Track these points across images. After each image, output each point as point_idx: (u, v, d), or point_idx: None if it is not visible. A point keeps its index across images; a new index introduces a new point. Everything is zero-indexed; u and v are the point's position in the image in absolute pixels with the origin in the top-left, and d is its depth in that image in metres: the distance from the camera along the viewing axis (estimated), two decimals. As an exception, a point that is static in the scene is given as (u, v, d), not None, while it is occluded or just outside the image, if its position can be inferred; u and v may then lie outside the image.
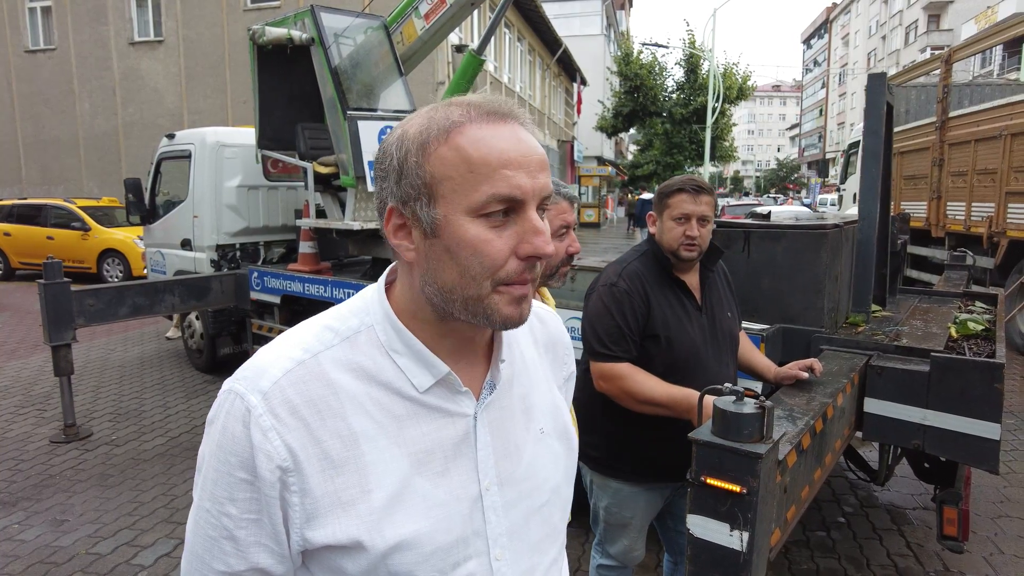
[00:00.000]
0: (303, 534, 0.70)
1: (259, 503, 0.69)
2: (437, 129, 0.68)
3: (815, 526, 3.49)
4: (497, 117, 0.70)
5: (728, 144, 26.38)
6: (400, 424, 0.73)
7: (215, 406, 0.73)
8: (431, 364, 0.74)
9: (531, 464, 0.82)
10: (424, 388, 0.74)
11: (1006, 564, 3.14)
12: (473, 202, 0.67)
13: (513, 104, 0.73)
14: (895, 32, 47.34)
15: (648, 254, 2.04)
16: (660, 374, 1.91)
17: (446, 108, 0.71)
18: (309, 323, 0.78)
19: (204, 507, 0.72)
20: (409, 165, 0.69)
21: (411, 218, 0.70)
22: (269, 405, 0.68)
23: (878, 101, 3.04)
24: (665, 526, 2.31)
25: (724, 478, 1.45)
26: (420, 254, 0.71)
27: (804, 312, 2.85)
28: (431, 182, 0.68)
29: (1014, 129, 7.11)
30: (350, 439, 0.70)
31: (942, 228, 8.80)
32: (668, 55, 24.52)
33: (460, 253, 0.68)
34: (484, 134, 0.68)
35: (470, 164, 0.67)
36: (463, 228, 0.68)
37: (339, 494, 0.69)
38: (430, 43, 5.13)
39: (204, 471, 0.72)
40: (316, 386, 0.70)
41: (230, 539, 0.70)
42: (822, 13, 67.44)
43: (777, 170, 67.05)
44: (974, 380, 2.19)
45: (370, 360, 0.73)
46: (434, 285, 0.71)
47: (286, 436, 0.68)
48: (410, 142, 0.69)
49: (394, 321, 0.75)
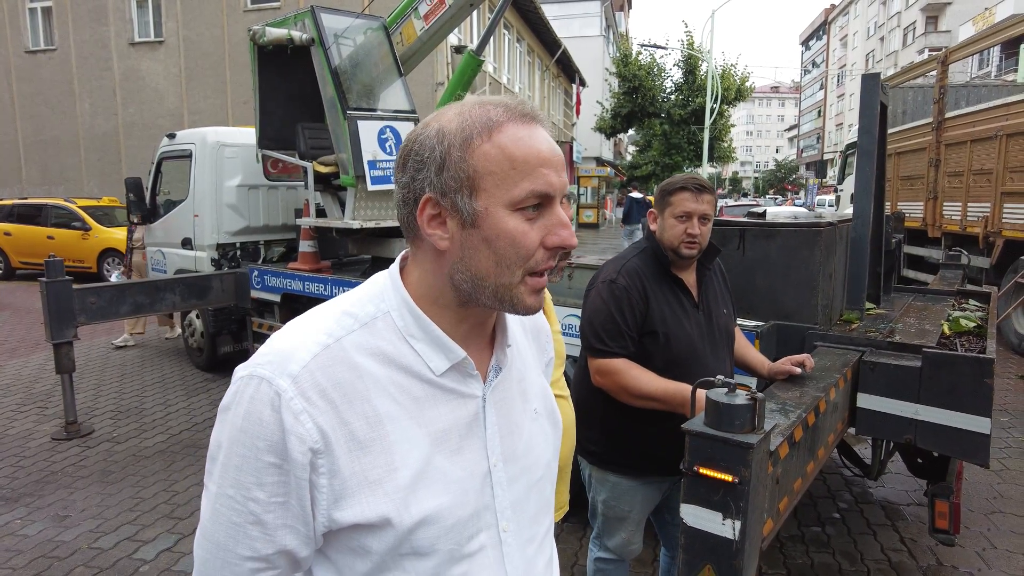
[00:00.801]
0: (330, 515, 0.72)
1: (287, 486, 0.70)
2: (480, 126, 0.73)
3: (810, 521, 3.53)
4: (529, 119, 0.75)
5: (726, 145, 26.43)
6: (419, 405, 0.76)
7: (231, 393, 0.74)
8: (448, 349, 0.78)
9: (528, 442, 0.88)
10: (440, 372, 0.77)
11: (999, 559, 3.18)
12: (514, 197, 0.72)
13: (537, 107, 0.78)
14: (893, 33, 47.44)
15: (647, 251, 2.07)
16: (659, 370, 1.94)
17: (482, 107, 0.75)
18: (324, 309, 0.80)
19: (226, 494, 0.72)
20: (452, 159, 0.72)
21: (449, 209, 0.74)
22: (300, 388, 0.70)
23: (872, 101, 3.08)
24: (662, 520, 2.34)
25: (716, 468, 1.49)
26: (455, 243, 0.74)
27: (798, 309, 2.89)
28: (474, 176, 0.72)
29: (1010, 130, 7.16)
30: (375, 420, 0.73)
31: (939, 228, 8.84)
32: (667, 56, 24.63)
33: (498, 243, 0.73)
34: (522, 134, 0.73)
35: (512, 161, 0.72)
36: (503, 220, 0.73)
37: (366, 473, 0.72)
38: (429, 44, 5.17)
39: (223, 459, 0.72)
40: (342, 369, 0.73)
41: (257, 524, 0.71)
42: (820, 14, 67.55)
43: (775, 171, 67.21)
44: (965, 375, 2.22)
45: (389, 345, 0.76)
46: (467, 273, 0.75)
47: (317, 418, 0.70)
48: (452, 136, 0.73)
49: (412, 307, 0.78)
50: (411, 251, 0.81)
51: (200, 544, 0.75)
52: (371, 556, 0.74)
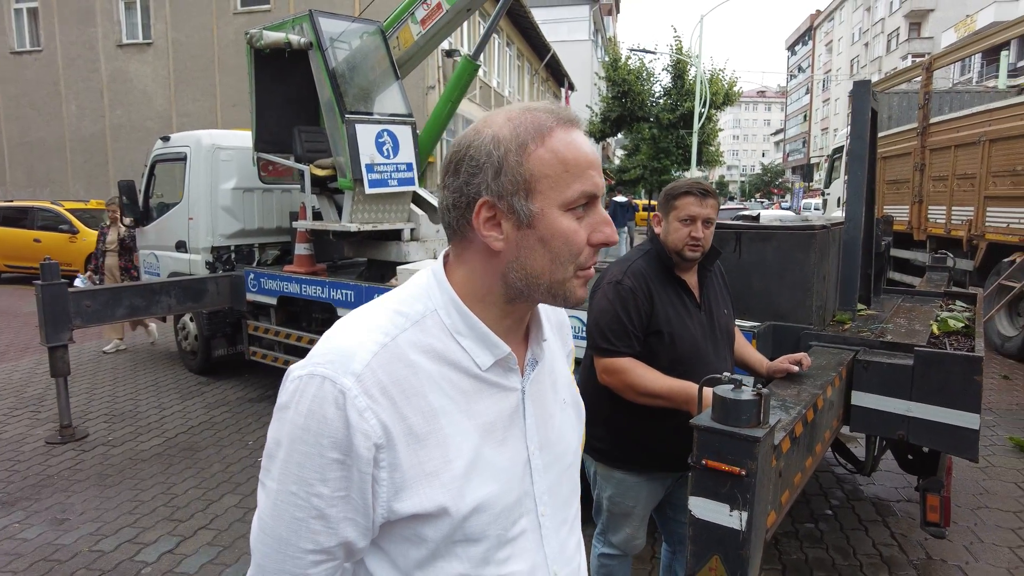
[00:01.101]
0: (390, 506, 0.75)
1: (349, 480, 0.73)
2: (533, 132, 0.77)
3: (804, 518, 3.61)
4: (573, 123, 0.80)
5: (714, 149, 26.64)
6: (468, 399, 0.80)
7: (289, 392, 0.76)
8: (494, 344, 0.82)
9: (560, 430, 0.93)
10: (486, 367, 0.81)
11: (985, 551, 3.27)
12: (567, 198, 0.78)
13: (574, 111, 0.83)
14: (877, 39, 48.06)
15: (651, 253, 2.13)
16: (664, 369, 2.00)
17: (530, 113, 0.79)
18: (374, 308, 0.83)
19: (288, 491, 0.74)
20: (510, 163, 0.77)
21: (505, 211, 0.78)
22: (363, 386, 0.73)
23: (863, 107, 3.17)
24: (664, 516, 2.40)
25: (724, 461, 1.55)
26: (510, 243, 0.79)
27: (793, 310, 2.96)
28: (530, 179, 0.77)
29: (992, 135, 7.32)
30: (430, 414, 0.77)
31: (924, 231, 9.00)
32: (655, 61, 25.05)
33: (553, 242, 0.78)
34: (571, 138, 0.79)
35: (565, 164, 0.77)
36: (558, 220, 0.78)
37: (423, 465, 0.76)
38: (426, 48, 5.22)
39: (283, 456, 0.75)
40: (399, 367, 0.76)
41: (320, 518, 0.74)
42: (806, 20, 68.28)
43: (762, 175, 67.72)
44: (955, 373, 2.31)
45: (439, 342, 0.80)
46: (522, 271, 0.79)
47: (380, 415, 0.73)
48: (508, 142, 0.77)
49: (459, 306, 0.81)
50: (456, 251, 0.85)
51: (260, 539, 0.78)
52: (426, 544, 0.77)
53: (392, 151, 4.96)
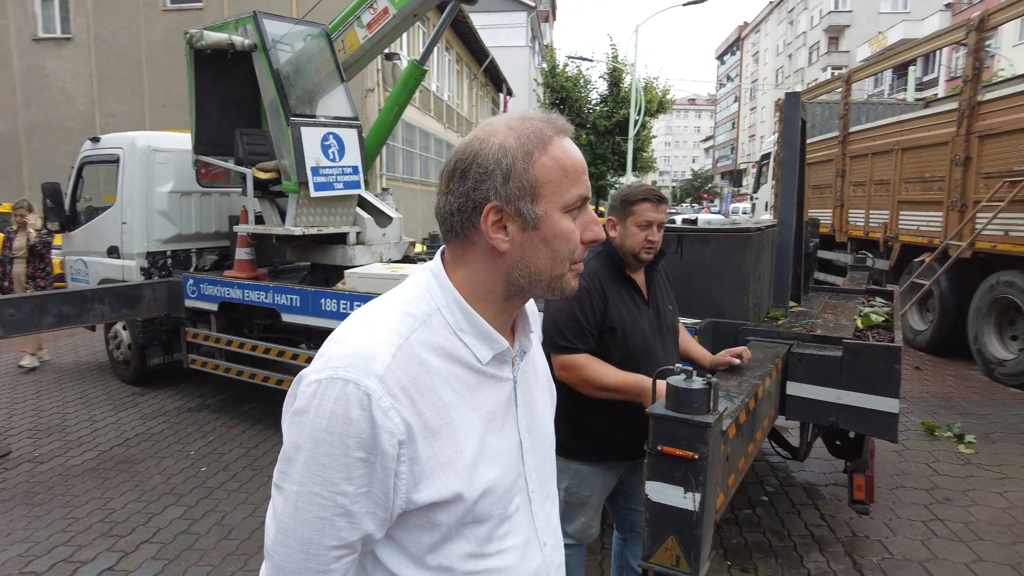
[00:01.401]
0: (409, 497, 0.80)
1: (371, 477, 0.78)
2: (536, 141, 0.85)
3: (743, 505, 3.81)
4: (566, 132, 0.89)
5: (648, 155, 27.43)
6: (472, 392, 0.86)
7: (307, 396, 0.79)
8: (494, 340, 0.88)
9: (542, 414, 1.02)
10: (486, 361, 0.88)
11: (902, 526, 3.55)
12: (566, 201, 0.87)
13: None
14: (800, 51, 50.53)
15: (603, 255, 2.24)
16: (617, 363, 2.11)
17: (530, 123, 0.86)
18: (381, 309, 0.87)
19: (312, 492, 0.77)
20: (517, 170, 0.84)
21: (512, 214, 0.85)
22: (386, 387, 0.78)
23: (794, 117, 3.39)
24: (616, 504, 2.51)
25: (678, 446, 1.66)
26: (516, 245, 0.86)
27: (732, 307, 3.15)
28: (535, 184, 0.85)
29: (904, 144, 7.88)
30: (442, 409, 0.82)
31: (845, 233, 9.57)
32: (592, 68, 25.63)
33: (555, 241, 0.87)
34: (568, 147, 0.88)
35: (565, 171, 0.86)
36: (560, 222, 0.86)
37: (439, 457, 0.81)
38: (372, 52, 5.22)
39: (304, 459, 0.78)
40: (413, 366, 0.81)
41: (345, 515, 0.78)
42: (734, 31, 71.01)
43: (692, 180, 69.91)
44: (878, 362, 2.52)
45: (445, 340, 0.85)
46: (525, 270, 0.87)
47: (403, 413, 0.78)
48: (515, 151, 0.84)
49: (462, 304, 0.87)
50: (456, 252, 0.90)
51: (280, 542, 0.80)
52: (439, 529, 0.83)
53: (338, 154, 4.93)
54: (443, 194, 0.89)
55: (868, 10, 42.81)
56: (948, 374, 6.75)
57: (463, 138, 0.90)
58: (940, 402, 5.79)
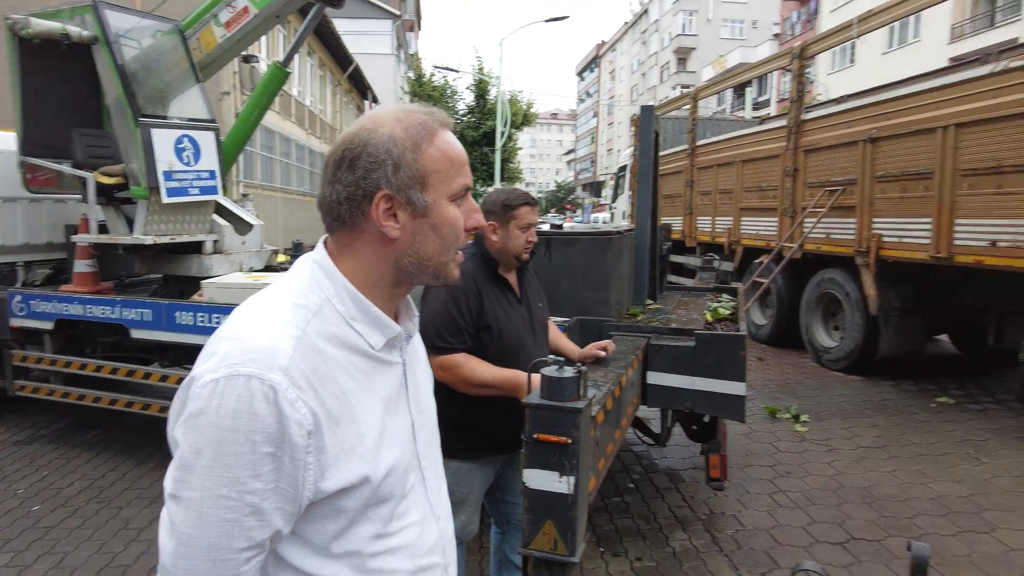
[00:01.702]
0: (317, 487, 0.80)
1: (280, 472, 0.77)
2: (424, 132, 0.89)
3: (611, 493, 4.03)
4: (447, 125, 0.93)
5: (515, 166, 28.18)
6: (368, 378, 0.89)
7: (205, 397, 0.77)
8: (386, 326, 0.91)
9: (426, 394, 1.07)
10: (379, 347, 0.91)
11: (751, 500, 3.94)
12: (453, 190, 0.92)
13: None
14: (652, 70, 54.20)
15: (477, 256, 2.31)
16: (493, 360, 2.18)
17: (416, 115, 0.90)
18: (271, 303, 0.87)
19: (218, 495, 0.75)
20: (407, 160, 0.87)
21: (403, 202, 0.88)
22: (291, 379, 0.78)
23: (649, 130, 3.67)
24: (494, 499, 2.57)
25: (553, 433, 1.76)
26: (406, 232, 0.89)
27: (596, 305, 3.34)
28: (424, 173, 0.89)
29: (743, 157, 8.72)
30: (342, 396, 0.84)
31: (694, 239, 10.40)
32: (459, 79, 25.99)
33: (443, 228, 0.91)
34: (450, 139, 0.93)
35: (451, 161, 0.91)
36: (447, 209, 0.92)
37: (342, 444, 0.83)
38: (230, 52, 4.95)
39: (206, 463, 0.75)
40: (313, 356, 0.82)
41: (254, 513, 0.76)
42: (593, 49, 74.71)
43: (556, 191, 72.50)
44: (726, 350, 2.79)
45: (338, 329, 0.87)
46: (415, 256, 0.91)
47: (309, 403, 0.79)
48: (404, 141, 0.88)
49: (353, 293, 0.89)
50: (343, 242, 0.92)
51: (181, 555, 0.77)
52: (345, 514, 0.85)
53: (193, 158, 4.63)
54: (329, 184, 0.90)
55: (711, 35, 46.91)
56: (785, 363, 7.53)
57: (347, 129, 0.92)
58: (780, 387, 6.45)
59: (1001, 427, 5.22)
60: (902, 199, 5.98)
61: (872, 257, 6.27)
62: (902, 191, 5.97)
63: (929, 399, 5.99)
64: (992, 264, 5.13)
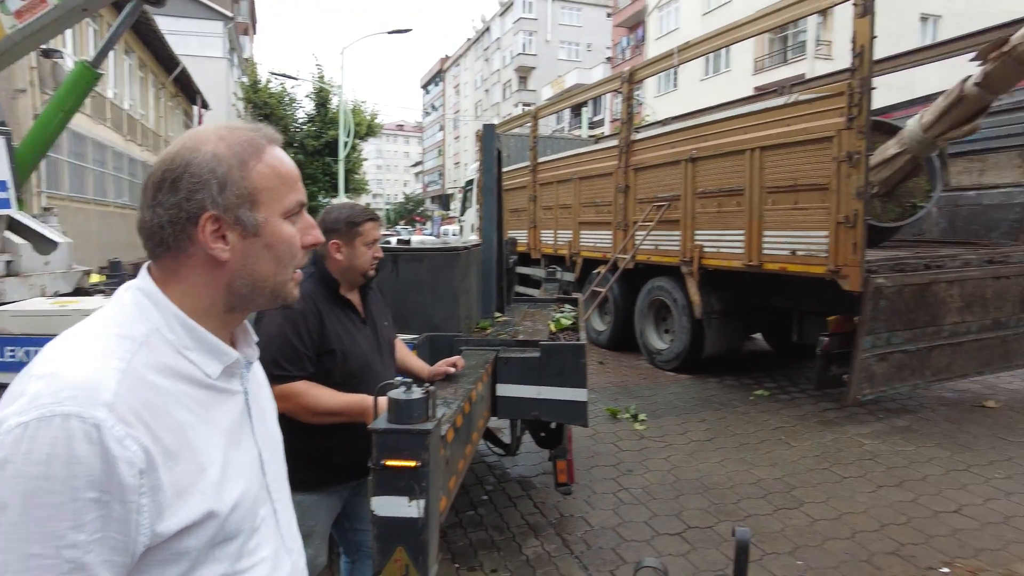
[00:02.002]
0: (154, 530, 0.73)
1: (107, 519, 0.69)
2: (251, 149, 0.86)
3: (465, 507, 4.04)
4: (275, 141, 0.90)
5: (360, 177, 27.60)
6: (207, 409, 0.83)
7: (10, 445, 0.67)
8: (223, 353, 0.86)
9: (271, 422, 1.03)
10: (216, 376, 0.86)
11: (598, 500, 4.13)
12: (286, 207, 0.89)
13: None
14: (495, 87, 55.71)
15: (316, 277, 2.21)
16: (337, 384, 2.10)
17: (241, 132, 0.86)
18: (90, 335, 0.79)
19: (28, 554, 0.66)
20: (233, 178, 0.84)
21: (232, 222, 0.84)
22: (118, 415, 0.71)
23: (491, 147, 3.76)
24: (342, 528, 2.47)
25: (401, 457, 1.72)
26: (237, 253, 0.85)
27: (445, 321, 3.35)
28: (254, 191, 0.85)
29: (581, 174, 9.21)
30: (179, 431, 0.78)
31: (538, 251, 10.79)
32: (298, 87, 25.01)
33: (278, 247, 0.88)
34: (281, 155, 0.91)
35: (282, 177, 0.89)
36: (281, 227, 0.89)
37: (181, 480, 0.76)
38: (24, 45, 4.34)
39: (14, 519, 0.66)
40: (143, 389, 0.75)
41: (78, 570, 0.68)
42: (437, 63, 75.26)
43: (405, 203, 72.04)
44: (568, 359, 2.91)
45: (170, 359, 0.81)
46: (248, 278, 0.87)
47: (140, 439, 0.72)
48: (229, 159, 0.84)
49: (184, 321, 0.84)
50: (168, 268, 0.85)
51: None
52: (187, 557, 0.78)
53: (-22, 167, 4.02)
54: (148, 207, 0.84)
55: (549, 56, 49.22)
56: (624, 365, 8.02)
57: (167, 149, 0.86)
58: (619, 389, 6.85)
59: (805, 413, 5.94)
60: (719, 213, 6.63)
61: (695, 266, 6.90)
62: (719, 206, 6.63)
63: (748, 392, 6.68)
64: (793, 271, 5.84)
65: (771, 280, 6.51)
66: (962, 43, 6.62)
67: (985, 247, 6.27)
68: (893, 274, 5.23)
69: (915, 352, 5.47)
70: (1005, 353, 6.07)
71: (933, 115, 5.79)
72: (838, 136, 5.20)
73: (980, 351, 5.89)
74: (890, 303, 5.19)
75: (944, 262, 5.58)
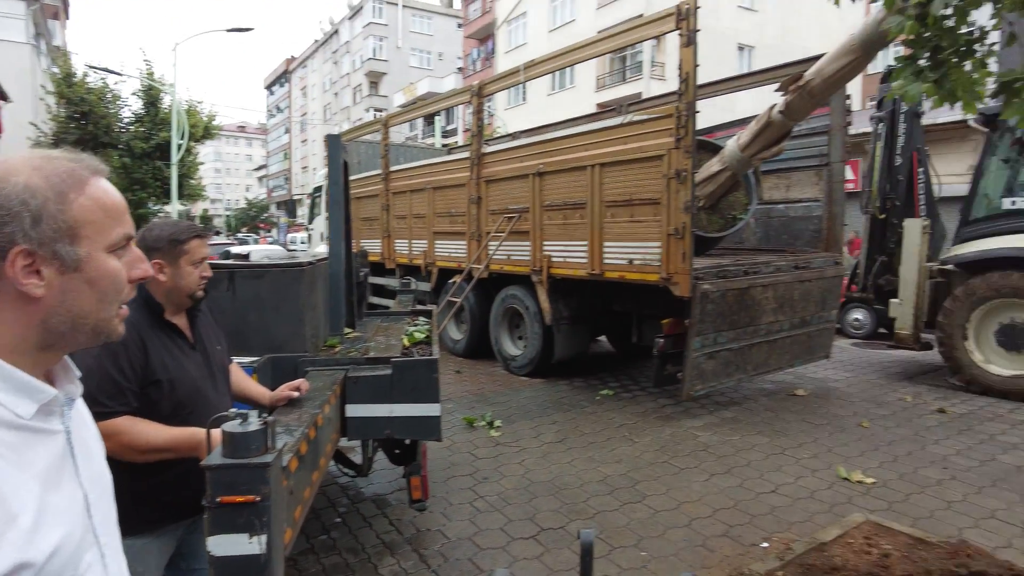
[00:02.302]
0: None
1: None
2: (71, 181, 0.83)
3: (317, 532, 3.88)
4: (102, 173, 0.87)
5: (196, 182, 25.61)
6: (19, 452, 0.78)
7: None
8: (37, 391, 0.82)
9: (99, 462, 0.99)
10: (30, 415, 0.81)
11: (454, 511, 4.15)
12: (111, 240, 0.87)
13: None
14: (345, 91, 54.15)
15: (138, 302, 2.02)
16: (166, 417, 1.93)
17: (58, 162, 0.82)
18: None
19: None
20: (50, 211, 0.80)
21: (49, 257, 0.81)
22: None
23: (337, 157, 3.65)
24: (179, 569, 2.27)
25: (238, 493, 1.62)
26: (53, 289, 0.82)
27: (290, 340, 3.19)
28: (75, 225, 0.82)
29: (435, 184, 9.22)
30: None
31: (393, 261, 10.64)
32: (122, 83, 22.49)
33: (101, 282, 0.86)
34: (106, 187, 0.89)
35: (107, 210, 0.87)
36: (106, 262, 0.86)
37: None
38: None
39: None
40: None
41: None
42: (282, 64, 71.70)
43: (247, 209, 67.88)
44: (421, 374, 2.90)
45: None
46: (67, 315, 0.83)
47: None
48: (45, 191, 0.81)
49: None
50: None
51: None
52: None
53: None
54: None
55: (401, 62, 48.75)
56: (480, 373, 8.13)
57: None
58: (475, 397, 6.93)
59: (646, 410, 6.38)
60: (565, 225, 6.95)
61: (544, 275, 7.18)
62: (564, 218, 6.94)
63: (595, 393, 7.04)
64: (631, 278, 6.25)
65: (612, 287, 6.93)
66: (769, 74, 7.48)
67: (792, 254, 7.12)
68: (717, 280, 5.78)
69: (738, 350, 6.09)
70: (810, 347, 6.96)
71: (748, 137, 6.48)
72: (668, 155, 5.65)
73: (791, 346, 6.69)
74: (716, 306, 5.73)
75: (760, 268, 6.27)
